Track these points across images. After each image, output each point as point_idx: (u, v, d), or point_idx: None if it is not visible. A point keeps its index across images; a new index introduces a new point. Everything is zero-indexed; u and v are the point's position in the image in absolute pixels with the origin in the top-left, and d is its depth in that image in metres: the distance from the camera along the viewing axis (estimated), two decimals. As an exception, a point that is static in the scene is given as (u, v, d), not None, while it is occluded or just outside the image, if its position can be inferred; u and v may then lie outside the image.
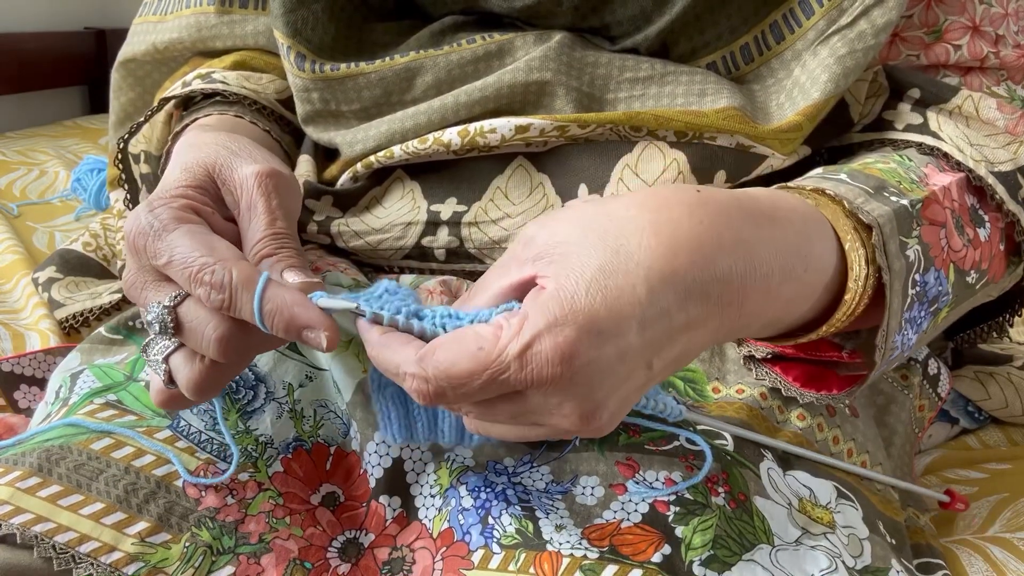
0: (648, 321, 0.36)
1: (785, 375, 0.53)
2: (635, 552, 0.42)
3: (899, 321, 0.45)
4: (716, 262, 0.38)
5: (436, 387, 0.37)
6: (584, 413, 0.37)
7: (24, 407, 0.67)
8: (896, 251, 0.45)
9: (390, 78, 0.59)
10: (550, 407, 0.37)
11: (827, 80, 0.54)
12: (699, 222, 0.38)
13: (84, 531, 0.44)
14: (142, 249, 0.43)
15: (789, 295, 0.42)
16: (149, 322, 0.43)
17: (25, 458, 0.46)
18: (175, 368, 0.43)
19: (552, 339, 0.35)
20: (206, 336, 0.41)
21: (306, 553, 0.48)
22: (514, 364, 0.35)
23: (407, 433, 0.46)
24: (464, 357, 0.36)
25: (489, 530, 0.44)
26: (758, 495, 0.47)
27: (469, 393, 0.37)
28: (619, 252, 0.37)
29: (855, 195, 0.46)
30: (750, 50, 0.58)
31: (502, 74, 0.57)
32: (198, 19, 0.67)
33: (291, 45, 0.59)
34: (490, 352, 0.36)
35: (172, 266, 0.42)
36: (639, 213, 0.38)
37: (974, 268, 0.51)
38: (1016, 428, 0.74)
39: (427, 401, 0.37)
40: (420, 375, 0.37)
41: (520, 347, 0.35)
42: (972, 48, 0.58)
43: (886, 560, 0.48)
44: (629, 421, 0.49)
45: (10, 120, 1.67)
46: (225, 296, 0.40)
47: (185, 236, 0.42)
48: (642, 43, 0.58)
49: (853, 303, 0.44)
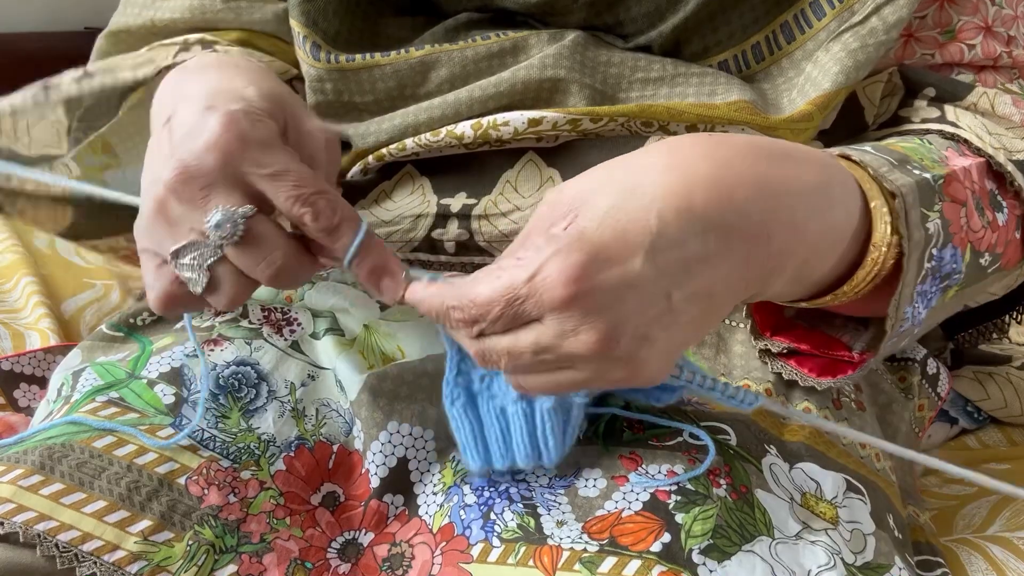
0: (659, 249, 0.37)
1: (800, 367, 0.53)
2: (635, 542, 0.42)
3: (911, 292, 0.45)
4: (735, 196, 0.38)
5: (468, 315, 0.39)
6: (600, 338, 0.37)
7: (24, 406, 0.67)
8: (917, 221, 0.44)
9: (405, 71, 0.59)
10: (567, 335, 0.37)
11: (838, 72, 0.54)
12: (715, 160, 0.39)
13: (87, 529, 0.44)
14: (237, 153, 0.41)
15: (816, 233, 0.41)
16: (216, 223, 0.41)
17: (27, 456, 0.46)
18: (220, 278, 0.42)
19: (558, 263, 0.37)
20: (272, 259, 0.41)
21: (306, 553, 0.48)
22: (525, 289, 0.37)
23: (483, 450, 0.46)
24: (486, 286, 0.38)
25: (490, 525, 0.44)
26: (760, 488, 0.47)
27: (495, 320, 0.38)
28: (634, 191, 0.38)
29: (879, 164, 0.46)
30: (761, 49, 0.58)
31: (516, 70, 0.57)
32: (203, 3, 0.65)
33: (307, 35, 0.59)
34: (505, 279, 0.38)
35: (281, 179, 0.41)
36: (656, 158, 0.39)
37: (989, 251, 0.51)
38: (1015, 428, 0.74)
39: (471, 336, 0.40)
40: (456, 304, 0.39)
41: (529, 273, 0.37)
42: (985, 47, 0.58)
43: (890, 556, 0.48)
44: (634, 417, 0.49)
45: (9, 120, 1.67)
46: (333, 222, 0.41)
47: (295, 160, 0.42)
48: (656, 40, 0.58)
49: (876, 265, 0.44)
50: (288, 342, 0.56)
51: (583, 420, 0.48)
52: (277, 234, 0.42)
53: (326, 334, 0.56)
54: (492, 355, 0.40)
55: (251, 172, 0.41)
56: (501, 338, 0.39)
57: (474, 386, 0.46)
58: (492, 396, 0.46)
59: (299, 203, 0.41)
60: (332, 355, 0.54)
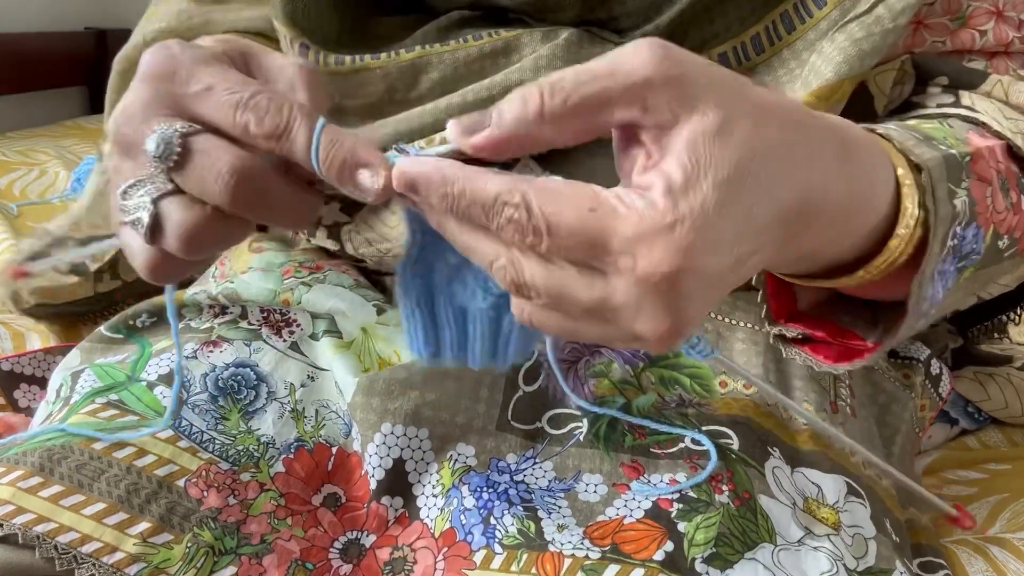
0: (752, 253, 0.33)
1: (815, 354, 0.52)
2: (637, 550, 0.42)
3: (933, 271, 0.43)
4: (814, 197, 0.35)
5: (535, 226, 0.31)
6: (669, 330, 0.32)
7: (24, 406, 0.67)
8: (944, 197, 0.42)
9: (395, 75, 0.58)
10: (638, 311, 0.32)
11: (842, 61, 0.52)
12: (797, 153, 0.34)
13: (86, 531, 0.44)
14: (168, 74, 0.36)
15: (844, 196, 0.38)
16: (151, 148, 0.36)
17: (27, 458, 0.46)
18: (165, 214, 0.36)
19: (673, 236, 0.30)
20: (218, 168, 0.35)
21: (308, 554, 0.48)
22: (622, 244, 0.31)
23: (433, 346, 0.39)
24: (571, 209, 0.31)
25: (491, 530, 0.44)
26: (762, 494, 0.47)
27: (560, 249, 0.32)
28: (769, 188, 0.33)
29: (904, 138, 0.44)
30: (761, 40, 0.57)
31: (509, 73, 0.56)
32: (188, 7, 0.64)
33: (293, 36, 0.59)
34: (601, 219, 0.31)
35: (213, 91, 0.36)
36: (778, 148, 0.34)
37: (1008, 234, 0.50)
38: (1016, 429, 0.74)
39: (519, 238, 0.32)
40: (523, 206, 0.32)
41: (636, 231, 0.31)
42: (998, 33, 0.57)
43: (891, 561, 0.48)
44: (635, 423, 0.49)
45: (10, 120, 1.67)
46: (281, 121, 0.35)
47: (233, 71, 0.37)
48: (651, 34, 0.57)
49: (907, 239, 0.41)
50: (287, 343, 0.56)
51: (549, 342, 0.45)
52: (226, 146, 0.35)
53: (324, 335, 0.56)
54: (531, 284, 0.33)
55: (182, 95, 0.36)
56: (553, 272, 0.32)
57: (433, 278, 0.39)
58: (452, 295, 0.39)
59: (237, 110, 0.35)
60: (330, 356, 0.54)
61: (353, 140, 0.35)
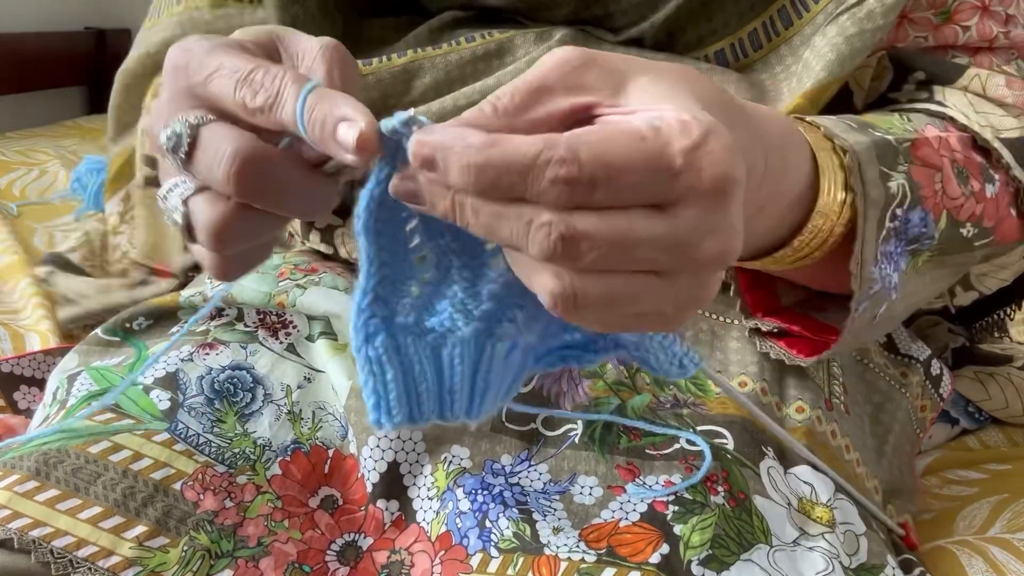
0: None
1: (789, 349, 0.52)
2: (633, 552, 0.42)
3: (874, 251, 0.44)
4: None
5: (591, 174, 0.29)
6: (734, 244, 0.31)
7: (24, 408, 0.67)
8: (875, 179, 0.44)
9: (388, 81, 0.58)
10: (701, 232, 0.30)
11: (834, 60, 0.53)
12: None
13: (82, 535, 0.44)
14: (183, 67, 0.37)
15: (774, 165, 0.39)
16: (162, 141, 0.36)
17: (23, 462, 0.46)
18: (194, 212, 0.36)
19: (721, 140, 0.30)
20: (221, 152, 0.34)
21: (305, 556, 0.48)
22: (682, 160, 0.29)
23: (406, 404, 0.34)
24: (621, 145, 0.29)
25: (487, 534, 0.44)
26: (758, 494, 0.47)
27: (622, 190, 0.30)
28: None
29: (834, 124, 0.45)
30: (758, 36, 0.57)
31: (502, 75, 0.56)
32: (191, 15, 0.64)
33: None
34: (656, 142, 0.30)
35: (219, 74, 0.35)
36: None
37: (971, 221, 0.50)
38: (1016, 428, 0.74)
39: (566, 196, 0.29)
40: (571, 158, 0.29)
41: (692, 140, 0.29)
42: (981, 28, 0.56)
43: (882, 556, 0.48)
44: (630, 424, 0.49)
45: (10, 120, 1.67)
46: (272, 91, 0.34)
47: (242, 54, 0.36)
48: (647, 32, 0.57)
49: (827, 225, 0.43)
50: (284, 345, 0.55)
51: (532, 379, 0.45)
52: (232, 132, 0.35)
53: (320, 337, 0.56)
54: (590, 233, 0.29)
55: (195, 84, 0.36)
56: (618, 217, 0.30)
57: (397, 318, 0.34)
58: (420, 333, 0.34)
59: (236, 88, 0.34)
60: (325, 359, 0.54)
61: (336, 96, 0.33)
